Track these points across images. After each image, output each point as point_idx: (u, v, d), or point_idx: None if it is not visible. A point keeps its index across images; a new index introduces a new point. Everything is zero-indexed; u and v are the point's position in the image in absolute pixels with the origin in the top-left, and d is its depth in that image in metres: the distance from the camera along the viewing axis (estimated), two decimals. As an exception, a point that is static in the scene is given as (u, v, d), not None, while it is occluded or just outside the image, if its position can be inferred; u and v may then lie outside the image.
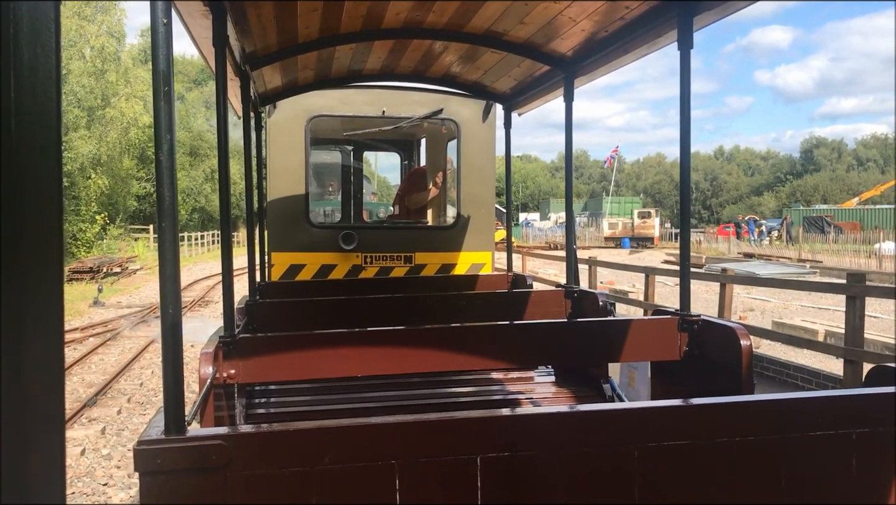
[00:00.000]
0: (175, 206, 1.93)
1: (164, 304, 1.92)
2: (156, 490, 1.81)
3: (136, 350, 13.37)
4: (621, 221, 55.60)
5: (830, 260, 34.43)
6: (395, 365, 3.70)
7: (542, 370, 5.50)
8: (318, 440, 1.93)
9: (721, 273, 9.85)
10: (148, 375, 11.67)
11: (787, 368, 9.40)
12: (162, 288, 1.92)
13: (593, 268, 14.16)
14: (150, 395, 10.45)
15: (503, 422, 2.18)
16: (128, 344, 14.30)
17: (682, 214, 3.80)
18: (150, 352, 13.50)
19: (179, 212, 2.11)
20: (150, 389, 10.75)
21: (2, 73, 0.82)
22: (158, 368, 12.15)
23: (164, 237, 1.92)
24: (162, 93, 1.91)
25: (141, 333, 15.72)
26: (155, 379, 11.38)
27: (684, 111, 3.62)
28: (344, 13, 4.36)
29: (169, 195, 1.91)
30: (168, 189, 1.91)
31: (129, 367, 12.05)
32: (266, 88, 5.98)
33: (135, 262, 34.88)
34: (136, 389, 10.74)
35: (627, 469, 2.06)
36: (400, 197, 8.76)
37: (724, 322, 3.64)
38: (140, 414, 9.39)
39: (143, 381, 11.25)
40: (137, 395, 10.40)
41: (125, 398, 10.12)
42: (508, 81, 5.93)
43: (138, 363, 12.51)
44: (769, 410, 2.24)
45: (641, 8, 3.83)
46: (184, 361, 2.02)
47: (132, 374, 11.71)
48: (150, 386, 10.96)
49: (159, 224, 1.92)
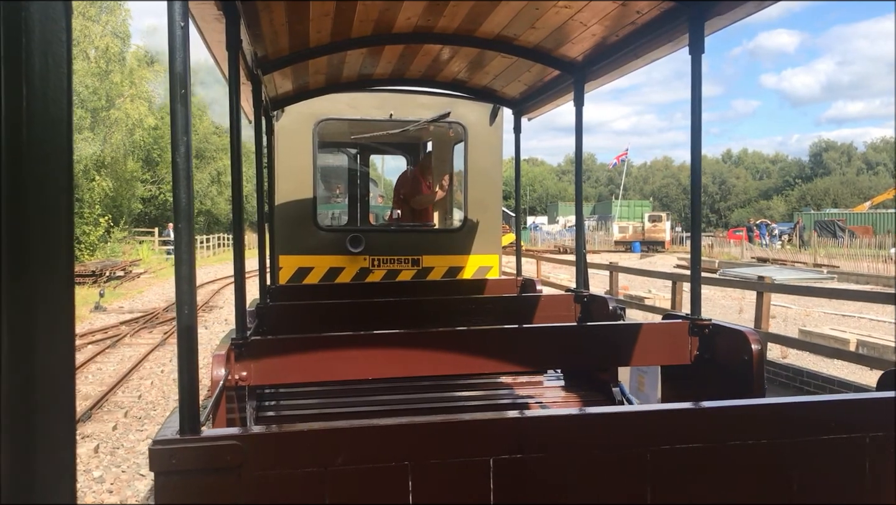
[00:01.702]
0: (191, 207, 1.92)
1: (180, 304, 1.92)
2: (170, 490, 1.82)
3: (137, 358, 12.79)
4: (631, 225, 54.99)
5: (847, 265, 33.71)
6: (404, 368, 3.73)
7: (551, 374, 5.52)
8: (332, 441, 1.95)
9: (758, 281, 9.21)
10: (147, 386, 11.08)
11: (830, 382, 8.76)
12: (178, 289, 1.92)
13: (615, 274, 13.53)
14: (149, 408, 9.86)
15: (516, 424, 2.19)
16: (128, 352, 13.73)
17: (693, 218, 3.77)
18: (150, 361, 12.92)
19: None
20: (148, 402, 10.17)
21: (14, 82, 0.84)
22: (159, 378, 11.58)
23: (180, 238, 1.92)
24: (179, 95, 1.88)
25: (142, 340, 15.15)
26: (154, 391, 10.80)
27: (695, 115, 3.61)
28: (355, 18, 4.36)
29: (185, 197, 1.90)
30: (184, 191, 1.90)
31: (128, 377, 11.46)
32: (277, 93, 6.00)
33: (138, 265, 34.36)
34: (134, 402, 10.14)
35: (640, 472, 2.06)
36: (404, 199, 8.68)
37: (735, 326, 3.59)
38: (137, 430, 8.80)
39: (141, 392, 10.66)
40: (135, 408, 9.81)
41: (122, 412, 9.54)
42: (518, 86, 5.92)
43: (137, 373, 11.92)
44: (782, 413, 2.24)
45: (653, 13, 3.83)
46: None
47: (130, 385, 11.12)
48: (150, 399, 10.37)
49: (175, 225, 1.92)
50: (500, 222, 7.81)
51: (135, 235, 46.11)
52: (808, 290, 9.61)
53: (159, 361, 13.03)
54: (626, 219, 59.25)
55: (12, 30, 0.84)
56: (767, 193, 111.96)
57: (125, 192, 44.87)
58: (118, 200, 43.42)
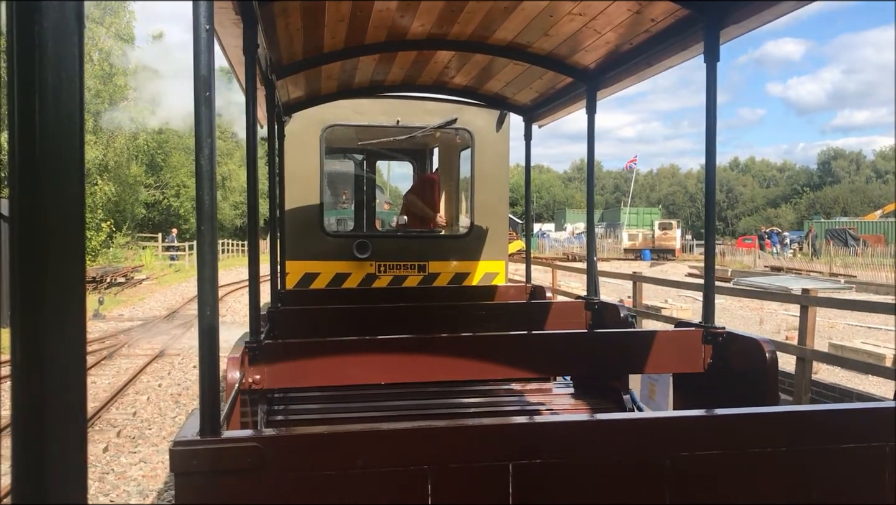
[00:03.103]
0: (214, 209, 1.89)
1: (202, 305, 1.91)
2: (190, 491, 1.83)
3: (134, 371, 12.12)
4: (641, 233, 54.22)
5: (864, 274, 32.97)
6: (415, 373, 3.74)
7: (560, 381, 5.54)
8: (352, 444, 1.95)
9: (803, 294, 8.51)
10: (143, 402, 10.40)
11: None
12: (200, 290, 1.91)
13: (638, 284, 12.82)
14: (144, 427, 9.18)
15: (537, 429, 2.19)
16: (124, 364, 13.05)
17: (706, 225, 3.76)
18: (147, 374, 12.25)
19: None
20: (144, 420, 9.49)
21: (28, 97, 0.88)
22: (156, 393, 10.92)
23: (203, 240, 1.88)
24: (203, 98, 1.86)
25: (140, 350, 14.49)
26: (150, 407, 10.13)
27: (710, 122, 3.58)
28: (370, 24, 4.38)
29: (209, 199, 1.87)
30: (208, 193, 1.87)
31: (123, 392, 10.79)
32: (289, 98, 6.01)
33: (140, 271, 33.71)
34: (128, 419, 9.46)
35: (659, 479, 2.05)
36: (411, 205, 8.72)
37: (748, 334, 3.55)
38: (130, 452, 8.11)
39: (136, 409, 9.98)
40: (129, 427, 9.13)
41: (115, 431, 8.85)
42: (530, 93, 5.94)
43: (133, 387, 11.25)
44: (803, 421, 2.25)
45: (667, 21, 3.82)
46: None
47: (125, 400, 10.44)
48: (145, 416, 9.70)
49: (198, 227, 1.88)
50: (506, 229, 7.79)
51: (138, 241, 45.52)
52: (855, 304, 8.88)
53: (157, 373, 12.36)
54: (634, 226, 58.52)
55: (26, 46, 0.88)
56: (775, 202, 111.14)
57: (128, 196, 44.29)
58: (121, 205, 42.87)
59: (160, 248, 45.08)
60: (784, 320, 19.74)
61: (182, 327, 17.50)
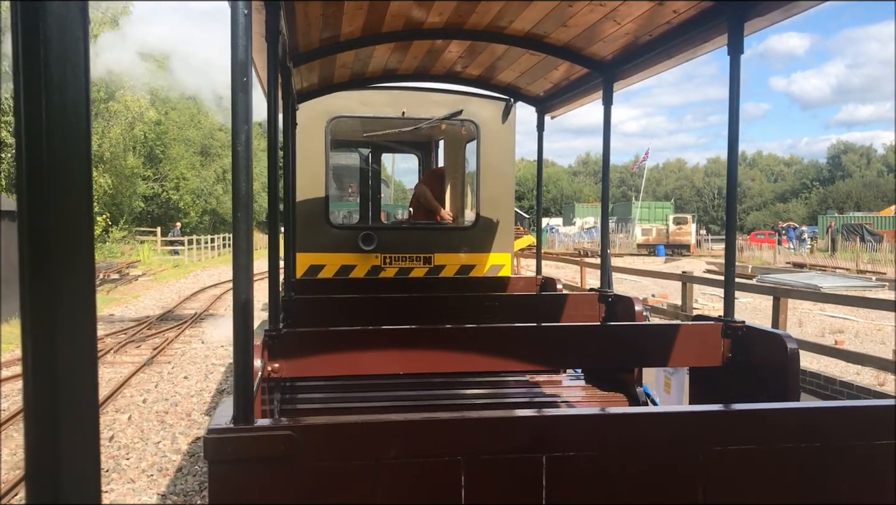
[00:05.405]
0: (250, 196, 1.84)
1: (237, 293, 1.87)
2: (224, 479, 1.82)
3: (117, 382, 10.74)
4: (655, 228, 52.82)
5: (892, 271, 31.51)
6: (428, 363, 3.73)
7: (572, 374, 5.53)
8: (385, 434, 1.94)
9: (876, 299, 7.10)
10: (123, 422, 9.03)
11: None
12: (235, 278, 1.87)
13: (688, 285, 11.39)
14: (121, 456, 7.80)
15: (569, 421, 2.17)
16: (107, 374, 11.65)
17: (727, 220, 3.73)
18: (131, 386, 10.88)
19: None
20: (121, 447, 8.10)
21: (34, 92, 0.88)
22: (139, 411, 9.54)
23: (239, 227, 1.85)
24: (240, 83, 1.82)
25: (126, 358, 13.09)
26: (131, 430, 8.74)
27: (733, 115, 3.55)
28: (388, 13, 4.41)
29: (245, 186, 1.84)
30: (244, 180, 1.84)
31: (102, 409, 9.41)
32: (302, 86, 6.03)
33: (136, 267, 32.34)
34: (103, 446, 8.06)
35: (693, 472, 2.04)
36: (421, 196, 8.68)
37: (769, 329, 3.55)
38: (100, 492, 6.73)
39: (114, 432, 8.60)
40: (103, 456, 7.73)
41: (85, 462, 7.46)
42: (544, 84, 5.93)
43: (114, 404, 9.87)
44: (833, 415, 2.23)
45: (690, 12, 3.81)
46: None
47: (103, 421, 9.04)
48: (123, 441, 8.31)
49: (234, 214, 1.84)
50: (512, 221, 7.79)
51: (135, 235, 44.11)
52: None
53: (143, 385, 10.98)
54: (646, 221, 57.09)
55: (31, 41, 0.88)
56: (784, 196, 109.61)
57: (125, 189, 42.91)
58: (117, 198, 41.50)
59: (159, 242, 43.70)
60: (824, 322, 18.37)
61: (175, 329, 16.12)
